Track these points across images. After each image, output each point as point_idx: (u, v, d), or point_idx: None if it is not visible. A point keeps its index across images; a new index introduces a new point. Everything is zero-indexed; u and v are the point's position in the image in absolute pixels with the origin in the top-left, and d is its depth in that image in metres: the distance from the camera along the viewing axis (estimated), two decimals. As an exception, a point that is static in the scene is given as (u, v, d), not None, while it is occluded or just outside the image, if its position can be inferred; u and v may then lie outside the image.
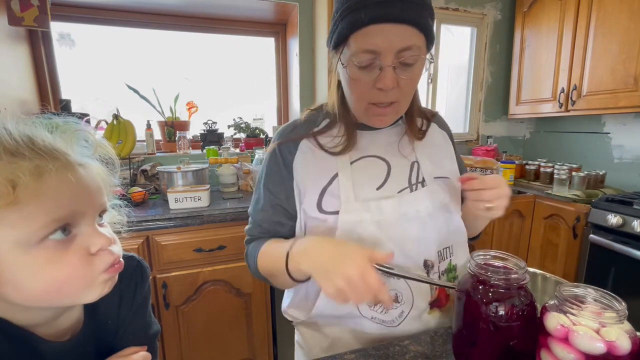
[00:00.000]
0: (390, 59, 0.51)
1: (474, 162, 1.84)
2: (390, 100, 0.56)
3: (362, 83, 0.55)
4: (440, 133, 0.71)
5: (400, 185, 0.62)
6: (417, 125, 0.66)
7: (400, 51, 0.51)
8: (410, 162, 0.64)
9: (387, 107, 0.57)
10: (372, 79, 0.54)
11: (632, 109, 1.65)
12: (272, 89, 2.27)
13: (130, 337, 0.49)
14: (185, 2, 1.80)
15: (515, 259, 0.47)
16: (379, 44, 0.50)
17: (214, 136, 1.95)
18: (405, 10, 0.48)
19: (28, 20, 1.47)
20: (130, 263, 0.49)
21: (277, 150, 0.65)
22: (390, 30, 0.50)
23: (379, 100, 0.56)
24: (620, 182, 1.97)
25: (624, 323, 0.38)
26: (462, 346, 0.50)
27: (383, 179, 0.62)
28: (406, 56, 0.51)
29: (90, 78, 1.95)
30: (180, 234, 1.30)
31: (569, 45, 1.90)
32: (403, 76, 0.53)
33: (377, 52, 0.51)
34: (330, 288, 0.47)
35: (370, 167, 0.62)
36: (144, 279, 0.52)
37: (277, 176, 0.64)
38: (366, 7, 0.49)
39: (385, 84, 0.52)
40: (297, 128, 0.66)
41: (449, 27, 2.39)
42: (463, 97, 2.53)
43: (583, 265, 1.67)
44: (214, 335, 1.42)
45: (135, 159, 1.70)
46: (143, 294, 0.51)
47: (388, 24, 0.49)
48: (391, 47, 0.50)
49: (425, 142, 0.67)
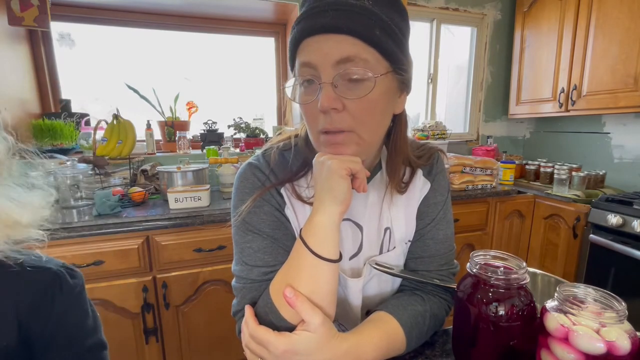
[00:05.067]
0: (328, 73, 0.45)
1: (474, 162, 1.84)
2: (337, 127, 0.47)
3: (309, 107, 0.48)
4: (421, 184, 0.60)
5: (372, 253, 0.59)
6: (400, 177, 0.58)
7: (338, 62, 0.44)
8: (384, 227, 0.59)
9: (338, 134, 0.48)
10: (312, 101, 0.47)
11: (632, 109, 1.65)
12: (272, 89, 2.27)
13: (56, 351, 0.49)
14: (185, 2, 1.80)
15: (515, 259, 0.47)
16: (312, 55, 0.45)
17: (214, 136, 1.95)
18: (340, 19, 0.43)
19: (28, 20, 1.47)
20: (42, 277, 0.49)
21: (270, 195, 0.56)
22: (324, 41, 0.44)
23: (324, 126, 0.47)
24: (620, 182, 1.97)
25: (624, 323, 0.38)
26: (462, 346, 0.50)
27: (357, 248, 0.58)
28: (349, 70, 0.44)
29: (90, 78, 1.95)
30: (180, 234, 1.30)
31: (569, 45, 1.90)
32: (349, 96, 0.45)
33: (313, 65, 0.45)
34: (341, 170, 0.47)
35: (344, 232, 0.57)
36: (63, 290, 0.50)
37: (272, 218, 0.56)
38: (300, 22, 0.46)
39: (322, 103, 0.45)
40: (272, 172, 0.57)
41: (449, 27, 2.39)
42: (463, 97, 2.53)
43: (583, 265, 1.67)
44: (214, 335, 1.42)
45: (135, 159, 1.70)
46: (64, 306, 0.50)
47: (322, 35, 0.44)
48: (326, 59, 0.44)
49: (406, 196, 0.60)
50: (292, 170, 0.57)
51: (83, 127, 1.80)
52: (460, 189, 1.81)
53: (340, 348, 0.45)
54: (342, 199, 0.47)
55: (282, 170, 0.57)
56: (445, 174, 0.64)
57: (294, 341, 0.43)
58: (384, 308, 0.54)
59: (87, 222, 1.21)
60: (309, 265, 0.46)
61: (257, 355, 0.46)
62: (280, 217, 0.56)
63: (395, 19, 0.46)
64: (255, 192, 0.55)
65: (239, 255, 0.55)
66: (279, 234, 0.55)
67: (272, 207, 0.55)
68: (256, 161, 0.58)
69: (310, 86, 0.48)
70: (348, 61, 0.44)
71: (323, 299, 0.46)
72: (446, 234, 0.61)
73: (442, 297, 0.59)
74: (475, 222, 1.83)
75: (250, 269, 0.54)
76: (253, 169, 0.57)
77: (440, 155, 0.65)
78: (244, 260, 0.54)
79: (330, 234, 0.47)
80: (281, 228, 0.56)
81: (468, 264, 0.49)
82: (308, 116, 0.50)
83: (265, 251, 0.54)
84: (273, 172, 0.57)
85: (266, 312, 0.48)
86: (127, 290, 1.25)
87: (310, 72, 0.46)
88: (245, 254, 0.54)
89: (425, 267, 0.60)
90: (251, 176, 0.56)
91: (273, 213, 0.55)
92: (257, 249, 0.54)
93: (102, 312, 1.23)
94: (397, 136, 0.56)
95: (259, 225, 0.54)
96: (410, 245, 0.62)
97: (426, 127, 2.19)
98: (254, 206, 0.54)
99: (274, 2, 1.85)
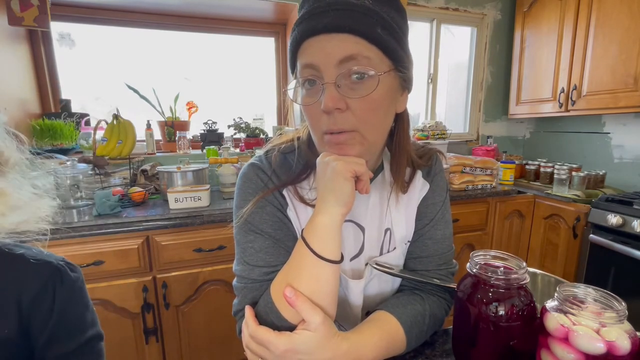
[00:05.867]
0: (331, 73, 0.45)
1: (474, 162, 1.84)
2: (341, 127, 0.46)
3: (312, 109, 0.48)
4: (420, 185, 0.61)
5: (372, 254, 0.59)
6: (404, 177, 0.58)
7: (341, 62, 0.44)
8: (384, 228, 0.59)
9: (342, 134, 0.47)
10: (314, 102, 0.47)
11: (632, 109, 1.65)
12: (272, 89, 2.27)
13: (57, 343, 0.50)
14: (185, 2, 1.80)
15: (515, 259, 0.47)
16: (315, 55, 0.45)
17: (214, 136, 1.95)
18: (342, 19, 0.43)
19: (28, 20, 1.47)
20: (43, 270, 0.50)
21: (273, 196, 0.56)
22: (326, 41, 0.44)
23: (328, 127, 0.47)
24: (620, 182, 1.97)
25: (624, 323, 0.38)
26: (462, 346, 0.50)
27: (358, 249, 0.59)
28: (352, 68, 0.44)
29: (90, 78, 1.95)
30: (180, 234, 1.30)
31: (569, 45, 1.90)
32: (352, 95, 0.45)
33: (316, 65, 0.45)
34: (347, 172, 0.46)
35: (345, 233, 0.57)
36: (64, 283, 0.51)
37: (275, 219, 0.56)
38: (300, 24, 0.46)
39: (325, 103, 0.44)
40: (274, 174, 0.57)
41: (449, 27, 2.39)
42: (463, 97, 2.53)
43: (583, 265, 1.67)
44: (214, 335, 1.42)
45: (135, 159, 1.70)
46: (64, 299, 0.51)
47: (323, 34, 0.44)
48: (329, 59, 0.44)
49: (407, 197, 0.60)
50: (294, 172, 0.57)
51: (83, 127, 1.80)
52: (460, 189, 1.81)
53: (340, 347, 0.45)
54: (345, 200, 0.47)
55: (285, 172, 0.57)
56: (443, 174, 0.64)
57: (295, 340, 0.43)
58: (383, 307, 0.55)
59: (87, 222, 1.21)
60: (310, 265, 0.46)
61: (257, 356, 0.46)
62: (282, 217, 0.56)
63: (395, 18, 0.47)
64: (258, 192, 0.55)
65: (241, 255, 0.55)
66: (281, 234, 0.55)
67: (274, 207, 0.55)
68: (259, 162, 0.58)
69: (312, 87, 0.48)
70: (351, 59, 0.44)
71: (323, 299, 0.46)
72: (444, 234, 0.62)
73: (441, 296, 0.60)
74: (475, 222, 1.83)
75: (252, 268, 0.54)
76: (256, 169, 0.57)
77: (439, 156, 0.65)
78: (246, 260, 0.54)
79: (332, 235, 0.47)
80: (283, 228, 0.56)
81: (468, 264, 0.49)
82: (311, 117, 0.49)
83: (267, 251, 0.54)
84: (275, 174, 0.57)
85: (267, 312, 0.48)
86: (127, 290, 1.25)
87: (312, 72, 0.46)
88: (247, 253, 0.54)
89: (424, 267, 0.60)
90: (254, 177, 0.57)
91: (275, 214, 0.55)
92: (258, 249, 0.54)
93: (102, 312, 1.23)
94: (400, 135, 0.56)
95: (261, 226, 0.54)
96: (409, 245, 0.62)
97: (426, 127, 2.19)
98: (256, 206, 0.54)
99: (274, 2, 1.85)
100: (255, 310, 0.50)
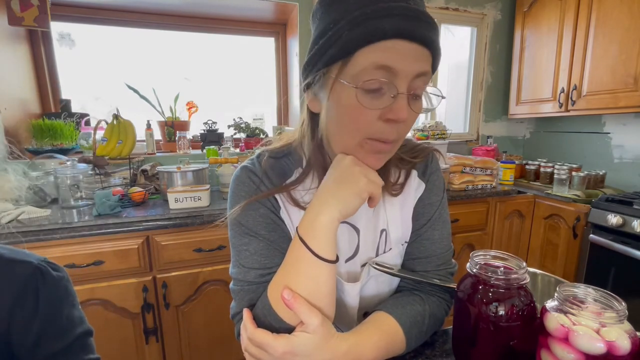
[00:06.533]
0: (406, 84, 0.42)
1: (474, 162, 1.84)
2: (394, 137, 0.46)
3: (365, 112, 0.44)
4: (416, 185, 0.60)
5: (368, 255, 0.59)
6: (392, 180, 0.58)
7: (417, 76, 0.43)
8: (380, 229, 0.59)
9: (389, 144, 0.47)
10: (380, 108, 0.44)
11: (632, 109, 1.65)
12: (272, 89, 2.27)
13: (47, 342, 0.49)
14: (185, 2, 1.80)
15: (515, 259, 0.47)
16: (398, 61, 0.41)
17: (214, 136, 1.95)
18: (430, 31, 0.41)
19: (28, 20, 1.48)
20: (22, 270, 0.49)
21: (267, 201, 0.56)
22: (414, 50, 0.41)
23: (383, 135, 0.45)
24: (620, 182, 1.97)
25: (624, 323, 0.38)
26: (462, 346, 0.50)
27: (353, 251, 0.58)
28: (420, 85, 0.44)
29: (90, 78, 1.95)
30: (180, 234, 1.30)
31: (569, 45, 1.90)
32: (414, 109, 0.45)
33: (394, 71, 0.41)
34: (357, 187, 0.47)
35: (340, 234, 0.56)
36: (47, 282, 0.51)
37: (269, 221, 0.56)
38: (390, 16, 0.40)
39: (400, 114, 0.42)
40: (265, 176, 0.57)
41: (449, 27, 2.40)
42: (463, 97, 2.53)
43: (583, 265, 1.67)
44: (213, 335, 1.42)
45: (135, 159, 1.70)
46: (49, 299, 0.50)
47: (412, 42, 0.41)
48: (411, 69, 0.42)
49: (402, 197, 0.59)
50: (289, 178, 0.57)
51: (83, 127, 1.80)
52: (460, 189, 1.81)
53: (339, 348, 0.45)
54: (347, 212, 0.47)
55: (276, 175, 0.57)
56: (440, 173, 0.63)
57: (293, 342, 0.43)
58: (382, 308, 0.54)
59: (87, 222, 1.21)
60: (308, 266, 0.46)
61: (256, 358, 0.45)
62: (275, 219, 0.56)
63: None
64: (250, 195, 0.55)
65: (236, 258, 0.55)
66: (275, 236, 0.55)
67: (267, 209, 0.55)
68: (251, 165, 0.58)
69: (376, 91, 0.43)
70: (423, 76, 0.44)
71: (321, 299, 0.46)
72: (442, 234, 0.61)
73: (441, 297, 0.59)
74: (475, 222, 1.83)
75: (247, 271, 0.54)
76: (248, 172, 0.57)
77: (435, 155, 0.64)
78: (241, 263, 0.54)
79: (330, 235, 0.47)
80: (277, 230, 0.56)
81: (468, 264, 0.48)
82: (357, 120, 0.45)
83: (262, 253, 0.54)
84: (267, 175, 0.57)
85: (264, 315, 0.48)
86: (127, 290, 1.25)
87: (386, 76, 0.42)
88: (242, 256, 0.54)
89: (423, 268, 0.60)
90: (246, 179, 0.57)
91: (269, 215, 0.55)
92: (253, 252, 0.54)
93: (102, 312, 1.23)
94: None
95: (255, 228, 0.54)
96: (407, 246, 0.62)
97: (426, 127, 2.19)
98: (249, 209, 0.54)
99: (274, 2, 1.85)
100: (253, 312, 0.50)
